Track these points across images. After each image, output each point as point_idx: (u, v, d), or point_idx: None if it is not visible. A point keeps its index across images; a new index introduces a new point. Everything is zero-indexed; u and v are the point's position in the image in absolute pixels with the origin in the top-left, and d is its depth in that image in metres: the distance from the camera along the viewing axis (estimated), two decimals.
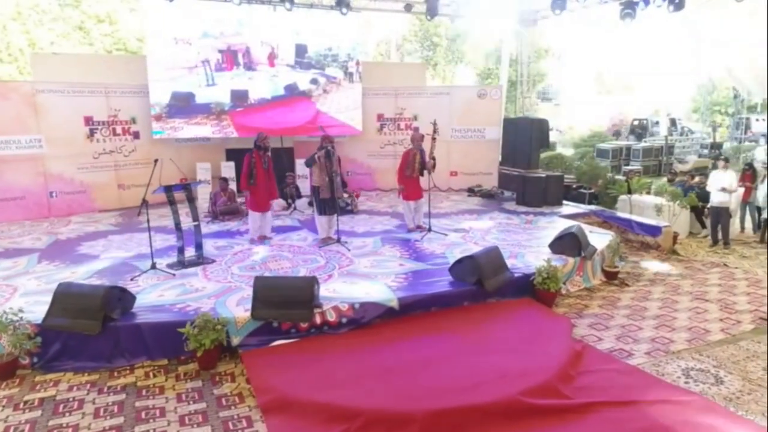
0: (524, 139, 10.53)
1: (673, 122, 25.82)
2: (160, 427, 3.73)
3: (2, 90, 8.86)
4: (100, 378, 4.42)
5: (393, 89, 12.01)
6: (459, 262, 5.81)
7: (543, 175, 10.04)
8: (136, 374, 4.49)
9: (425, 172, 7.88)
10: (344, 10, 10.91)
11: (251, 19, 10.59)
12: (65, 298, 4.61)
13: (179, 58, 10.05)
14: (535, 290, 5.87)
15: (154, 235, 6.55)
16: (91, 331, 4.48)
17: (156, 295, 5.34)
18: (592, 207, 9.82)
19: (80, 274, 6.06)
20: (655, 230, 8.35)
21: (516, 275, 5.99)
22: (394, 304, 5.20)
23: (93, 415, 3.86)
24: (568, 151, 18.84)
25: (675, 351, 4.94)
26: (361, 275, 5.98)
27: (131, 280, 5.82)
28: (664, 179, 11.34)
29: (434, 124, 7.85)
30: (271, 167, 7.48)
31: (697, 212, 9.50)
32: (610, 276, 7.02)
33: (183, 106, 10.24)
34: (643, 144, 18.83)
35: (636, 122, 25.95)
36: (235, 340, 4.74)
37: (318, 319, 4.94)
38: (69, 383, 4.33)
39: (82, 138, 9.60)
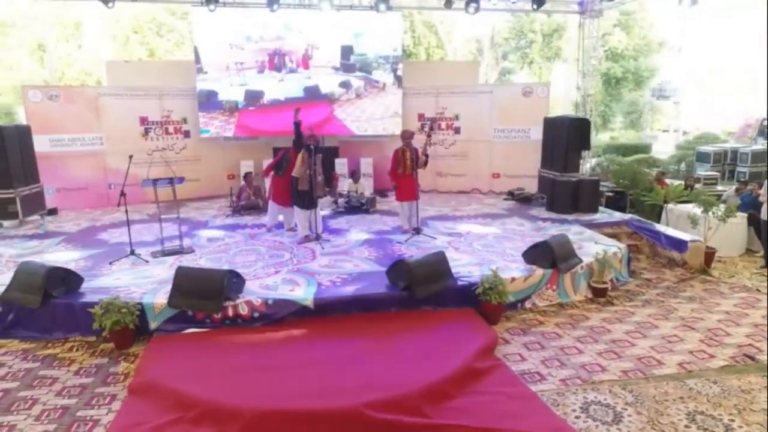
0: (561, 140, 9.73)
1: None
2: (38, 394, 4.16)
3: (70, 95, 10.25)
4: (36, 347, 5.01)
5: (434, 88, 11.75)
6: (394, 265, 5.61)
7: (574, 180, 9.20)
8: (64, 347, 5.01)
9: (419, 169, 7.70)
10: (382, 7, 10.94)
11: (297, 23, 11.09)
12: (21, 275, 5.29)
13: (222, 61, 10.87)
14: (478, 301, 5.49)
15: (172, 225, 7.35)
16: (31, 305, 5.10)
17: (114, 279, 5.89)
18: (626, 216, 8.79)
19: (75, 257, 6.85)
20: (680, 245, 7.29)
21: (462, 284, 5.64)
22: (309, 303, 5.19)
23: None
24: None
25: (597, 381, 4.35)
26: (306, 273, 6.04)
27: (110, 263, 6.47)
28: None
29: (431, 121, 7.67)
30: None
31: (757, 227, 8.09)
32: (598, 293, 6.30)
33: (203, 102, 11.04)
34: (753, 147, 16.31)
35: (767, 122, 22.51)
36: (153, 325, 5.09)
37: (230, 312, 5.11)
38: (8, 349, 4.97)
39: (138, 136, 10.76)
